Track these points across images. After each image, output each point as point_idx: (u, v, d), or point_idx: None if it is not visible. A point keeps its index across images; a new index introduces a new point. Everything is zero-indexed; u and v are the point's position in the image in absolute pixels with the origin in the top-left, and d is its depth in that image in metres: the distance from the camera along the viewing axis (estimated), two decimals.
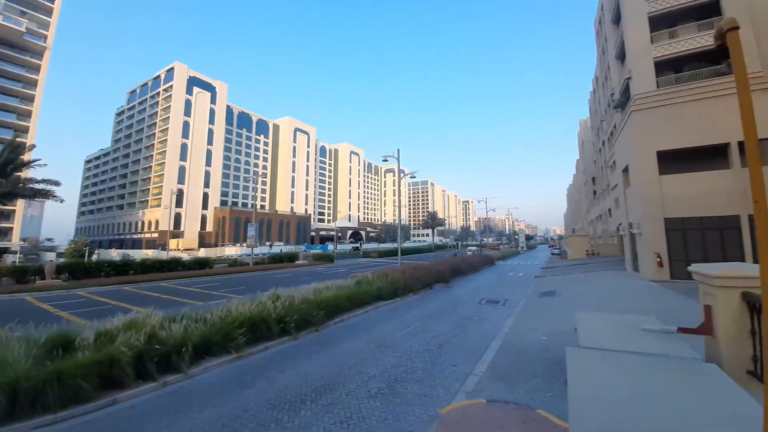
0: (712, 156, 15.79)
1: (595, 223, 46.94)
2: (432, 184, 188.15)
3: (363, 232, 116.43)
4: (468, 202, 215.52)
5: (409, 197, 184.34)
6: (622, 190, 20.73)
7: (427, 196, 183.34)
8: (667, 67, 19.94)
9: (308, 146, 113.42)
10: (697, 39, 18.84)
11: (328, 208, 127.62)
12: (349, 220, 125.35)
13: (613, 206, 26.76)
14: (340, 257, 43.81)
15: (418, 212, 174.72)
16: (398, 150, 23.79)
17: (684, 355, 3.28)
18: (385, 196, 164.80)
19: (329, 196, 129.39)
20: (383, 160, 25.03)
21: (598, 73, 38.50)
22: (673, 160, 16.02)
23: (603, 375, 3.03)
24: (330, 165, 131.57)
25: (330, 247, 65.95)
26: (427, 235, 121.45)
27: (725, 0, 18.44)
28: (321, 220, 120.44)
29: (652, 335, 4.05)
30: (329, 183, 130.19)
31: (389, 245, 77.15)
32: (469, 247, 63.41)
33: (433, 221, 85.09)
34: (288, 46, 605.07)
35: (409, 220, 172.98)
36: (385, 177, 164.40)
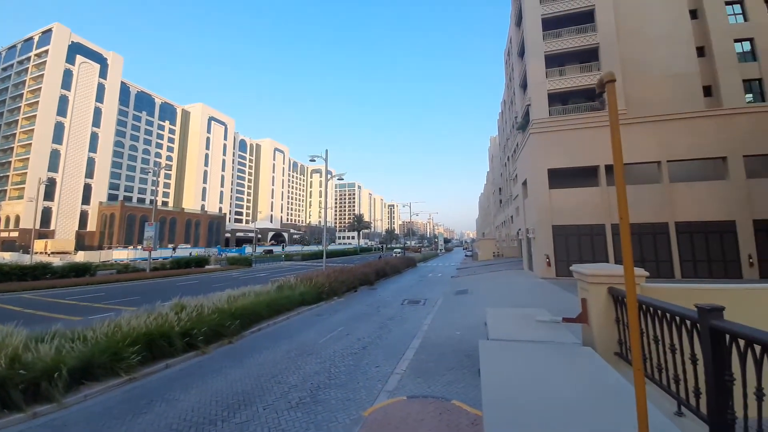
0: (588, 175, 19.38)
1: (501, 228, 53.30)
2: (359, 187, 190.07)
3: (286, 234, 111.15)
4: (393, 205, 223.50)
5: (336, 199, 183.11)
6: (522, 201, 23.99)
7: (353, 198, 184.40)
8: (557, 98, 23.87)
9: (225, 138, 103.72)
10: (579, 78, 23.02)
11: (248, 208, 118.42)
12: (271, 221, 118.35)
13: (515, 214, 30.79)
14: (259, 261, 40.94)
15: (345, 214, 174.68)
16: (326, 151, 23.43)
17: (567, 341, 3.90)
18: (310, 197, 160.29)
19: (249, 194, 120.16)
20: (310, 160, 24.31)
21: (505, 97, 44.01)
22: (560, 177, 19.15)
23: (509, 363, 3.41)
24: (251, 161, 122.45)
25: (248, 249, 61.04)
26: (353, 237, 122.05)
27: (602, 49, 22.96)
28: (238, 221, 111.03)
29: (544, 325, 4.72)
30: (249, 181, 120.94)
31: (314, 248, 75.13)
32: (394, 250, 65.89)
33: (359, 224, 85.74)
34: (214, 32, 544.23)
35: (335, 223, 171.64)
36: (311, 177, 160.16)
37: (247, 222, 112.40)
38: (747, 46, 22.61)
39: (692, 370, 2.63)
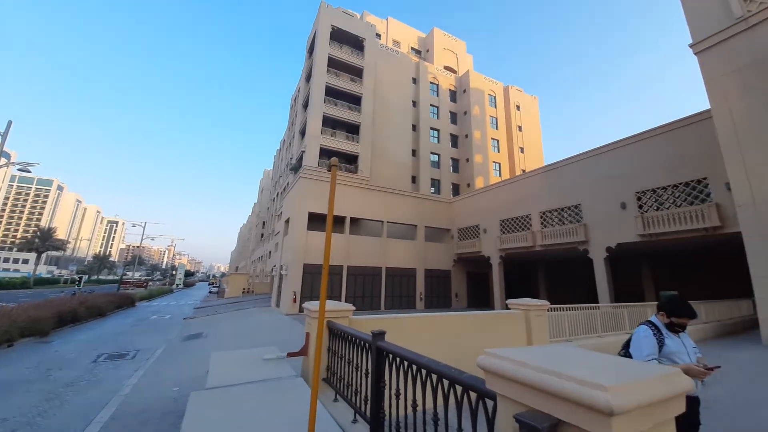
0: (337, 223, 23.00)
1: (257, 263, 52.28)
2: (60, 188, 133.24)
3: None
4: (116, 222, 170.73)
5: (10, 200, 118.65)
6: (282, 237, 24.92)
7: (44, 203, 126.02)
8: (326, 153, 27.72)
9: None
10: (344, 144, 28.01)
11: None
12: None
13: (273, 249, 31.43)
14: None
15: (20, 225, 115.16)
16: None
17: (285, 375, 4.10)
18: None
19: None
20: None
21: (286, 138, 46.47)
22: (317, 221, 21.63)
23: (219, 411, 3.10)
24: None
25: None
26: (27, 261, 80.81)
27: (362, 128, 29.19)
28: None
29: (271, 363, 4.77)
30: None
31: None
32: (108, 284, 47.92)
33: (42, 242, 57.24)
34: None
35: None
36: None
37: None
38: (435, 158, 36.16)
39: (365, 383, 3.40)
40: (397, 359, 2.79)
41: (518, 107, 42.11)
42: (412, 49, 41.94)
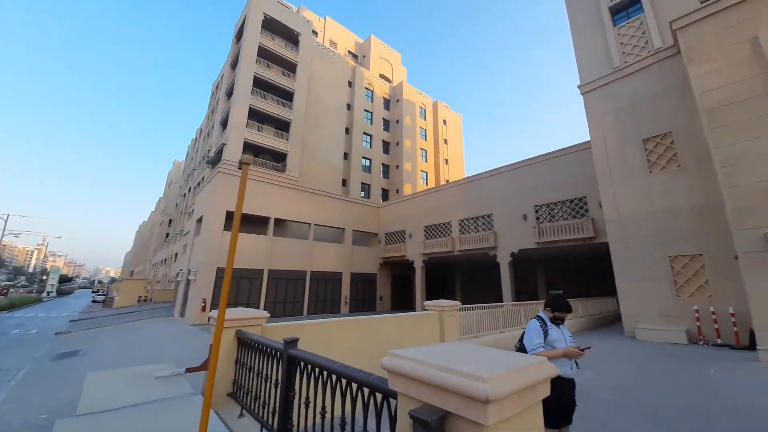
0: (260, 224, 21.55)
1: (159, 267, 45.83)
2: None
3: None
4: None
5: None
6: (192, 238, 22.35)
7: None
8: (251, 148, 25.86)
9: None
10: (272, 140, 26.46)
11: None
12: None
13: (181, 251, 27.99)
14: None
15: None
16: None
17: (181, 394, 3.62)
18: None
19: None
20: None
21: (204, 126, 42.02)
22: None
23: None
24: None
25: None
26: None
27: (293, 125, 27.96)
28: None
29: (165, 381, 4.17)
30: None
31: None
32: None
33: None
34: None
35: None
36: None
37: None
38: (367, 162, 36.57)
39: (274, 394, 3.20)
40: (309, 366, 2.69)
41: (445, 122, 45.37)
42: (349, 52, 42.09)
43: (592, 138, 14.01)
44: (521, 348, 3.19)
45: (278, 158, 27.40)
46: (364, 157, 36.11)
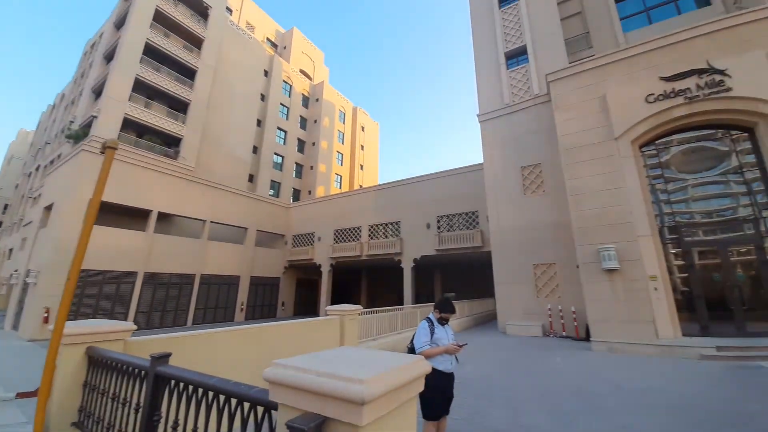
0: (138, 217, 18.18)
1: None
2: None
3: None
4: None
5: None
6: (36, 230, 17.51)
7: None
8: (133, 126, 21.76)
9: None
10: (163, 121, 22.74)
11: None
12: None
13: (19, 246, 21.64)
14: None
15: None
16: None
17: (12, 422, 2.75)
18: None
19: None
20: None
21: (68, 92, 33.68)
22: (105, 211, 16.39)
23: None
24: None
25: None
26: None
27: (192, 107, 24.51)
28: None
29: None
30: None
31: None
32: None
33: None
34: None
35: None
36: None
37: None
38: (279, 159, 34.52)
39: (134, 419, 2.67)
40: (181, 385, 2.33)
41: (363, 128, 46.35)
42: (268, 40, 39.53)
43: (485, 161, 16.15)
44: (412, 347, 3.43)
45: (171, 143, 23.76)
46: (276, 154, 34.14)
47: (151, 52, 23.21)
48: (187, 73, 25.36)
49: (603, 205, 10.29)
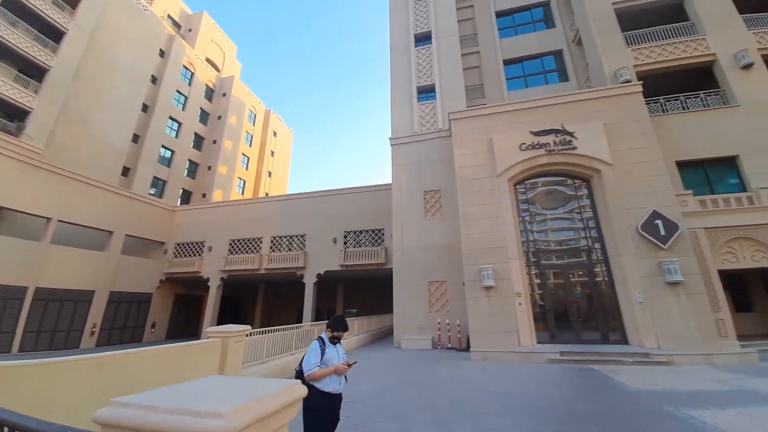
0: None
1: None
2: None
3: None
4: None
5: None
6: None
7: None
8: None
9: None
10: (4, 85, 17.32)
11: None
12: None
13: None
14: None
15: None
16: None
17: None
18: None
19: None
20: None
21: None
22: None
23: None
24: None
25: None
26: None
27: (53, 74, 19.34)
28: None
29: None
30: None
31: None
32: None
33: None
34: None
35: None
36: None
37: None
38: (168, 153, 29.72)
39: None
40: None
41: (275, 134, 44.03)
42: (170, 17, 34.67)
43: (393, 181, 17.06)
44: (300, 370, 3.21)
45: (14, 115, 18.29)
46: (165, 147, 29.54)
47: (10, 3, 17.95)
48: (53, 35, 20.25)
49: (486, 230, 11.89)
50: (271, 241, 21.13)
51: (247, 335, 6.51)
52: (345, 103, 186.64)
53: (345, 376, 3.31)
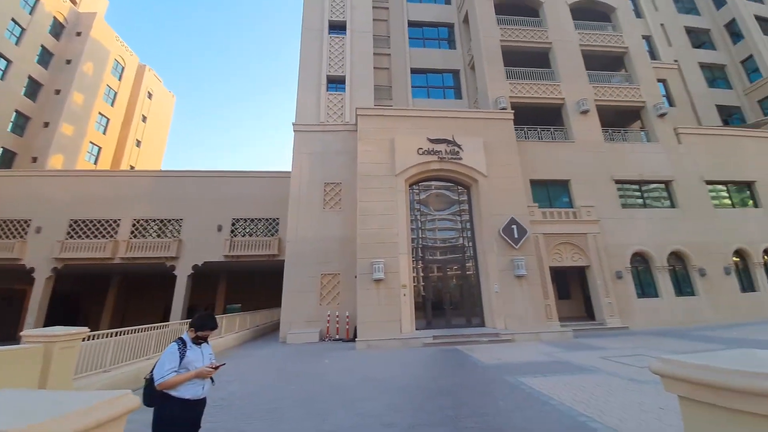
0: None
1: None
2: None
3: None
4: None
5: None
6: None
7: None
8: None
9: None
10: None
11: None
12: None
13: None
14: None
15: None
16: None
17: None
18: None
19: None
20: None
21: None
22: None
23: None
24: None
25: None
26: None
27: None
28: None
29: None
30: None
31: None
32: None
33: None
34: None
35: None
36: None
37: None
38: None
39: None
40: None
41: (150, 95, 36.57)
42: None
43: (293, 169, 16.21)
44: (151, 378, 2.68)
45: None
46: None
47: None
48: None
49: (381, 226, 12.43)
50: (133, 225, 17.47)
51: (84, 339, 5.16)
52: (252, 82, 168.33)
53: (211, 379, 2.91)
